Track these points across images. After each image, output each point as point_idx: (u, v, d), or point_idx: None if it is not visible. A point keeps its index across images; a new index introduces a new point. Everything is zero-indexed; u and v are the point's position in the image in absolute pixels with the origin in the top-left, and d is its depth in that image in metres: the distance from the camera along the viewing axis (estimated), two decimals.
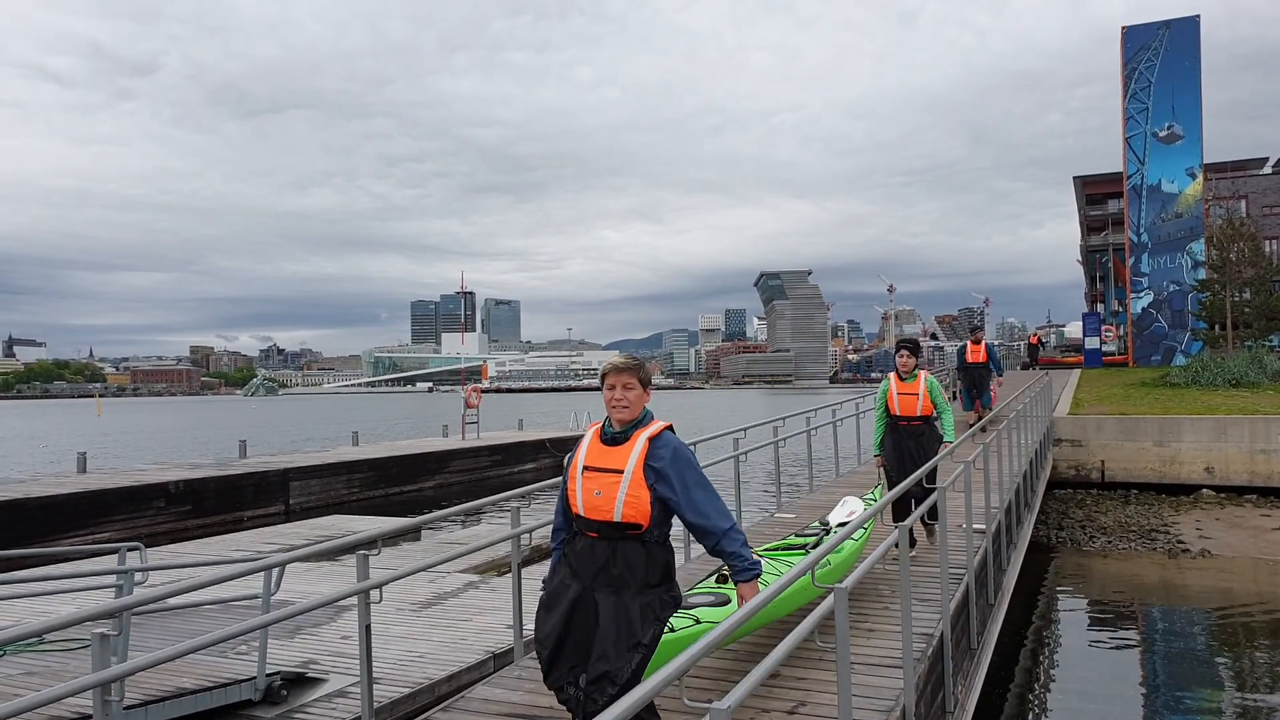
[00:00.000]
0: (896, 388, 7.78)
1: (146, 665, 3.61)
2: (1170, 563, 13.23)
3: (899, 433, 7.75)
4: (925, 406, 7.70)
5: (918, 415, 7.69)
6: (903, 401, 7.75)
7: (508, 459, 27.54)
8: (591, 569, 3.43)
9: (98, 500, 16.63)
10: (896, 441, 7.77)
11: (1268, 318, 34.61)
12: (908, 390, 7.74)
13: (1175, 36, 38.61)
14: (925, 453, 7.55)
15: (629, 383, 3.50)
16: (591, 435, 3.60)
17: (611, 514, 3.38)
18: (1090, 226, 60.88)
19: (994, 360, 17.12)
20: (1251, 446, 17.92)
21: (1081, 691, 8.47)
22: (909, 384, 7.74)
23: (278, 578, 6.06)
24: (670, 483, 3.39)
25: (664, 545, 3.46)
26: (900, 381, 7.78)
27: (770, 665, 2.81)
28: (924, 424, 7.71)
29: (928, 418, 7.73)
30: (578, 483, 3.51)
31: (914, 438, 7.69)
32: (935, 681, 5.27)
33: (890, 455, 7.82)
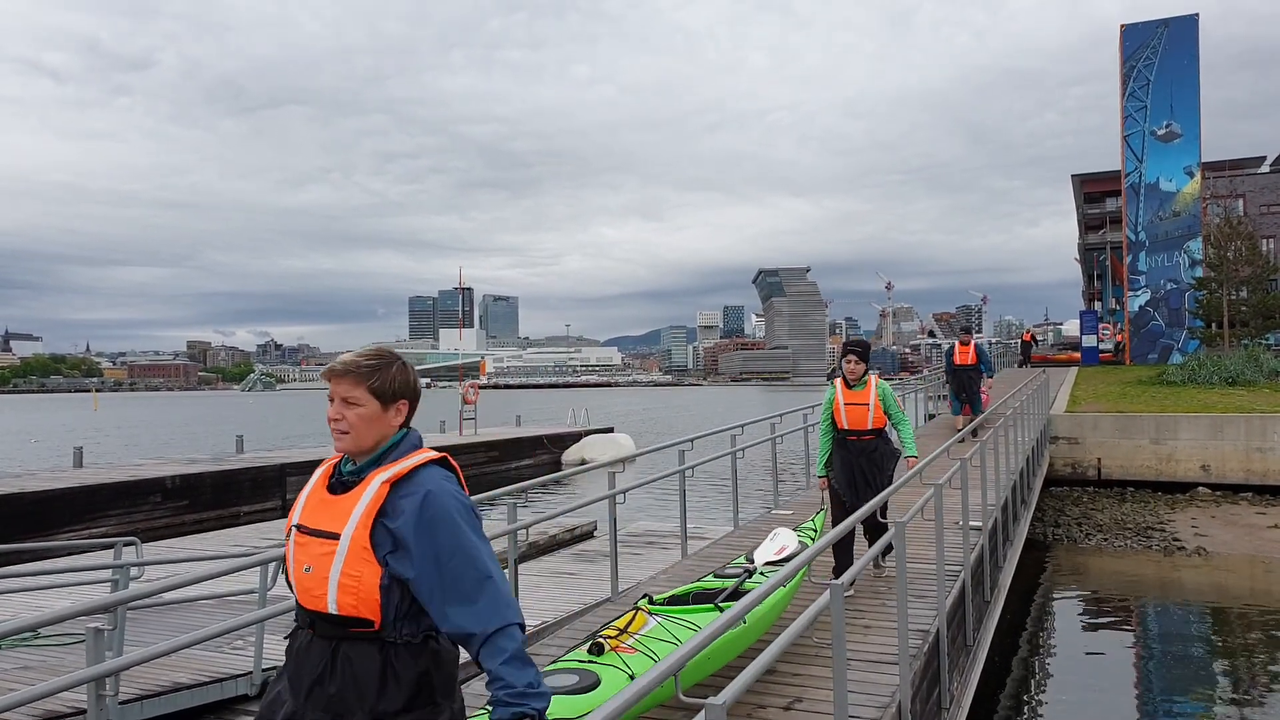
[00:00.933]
0: (843, 397, 6.82)
1: (142, 660, 3.60)
2: (1166, 560, 13.25)
3: (848, 449, 6.77)
4: (877, 418, 6.74)
5: (869, 428, 6.73)
6: (850, 413, 6.78)
7: (505, 455, 27.54)
8: (304, 681, 2.18)
9: (94, 495, 16.61)
10: (846, 460, 6.79)
11: (1264, 316, 34.64)
12: (856, 400, 6.78)
13: (1174, 35, 38.59)
14: (880, 472, 6.70)
15: (351, 395, 2.22)
16: (319, 475, 2.33)
17: (324, 602, 2.15)
18: (1088, 224, 60.91)
19: (984, 361, 16.30)
20: (1248, 445, 17.95)
21: (1077, 688, 8.49)
22: (857, 392, 6.79)
23: (274, 572, 6.05)
24: (410, 555, 2.10)
25: (420, 649, 2.15)
26: (847, 389, 6.84)
27: (766, 661, 2.81)
28: (877, 438, 6.77)
29: (880, 431, 6.79)
30: (289, 550, 2.30)
31: (866, 455, 6.71)
32: (931, 678, 5.28)
33: (839, 476, 6.85)
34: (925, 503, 5.56)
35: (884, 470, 6.70)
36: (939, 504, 5.69)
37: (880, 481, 6.57)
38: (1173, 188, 38.75)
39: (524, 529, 5.86)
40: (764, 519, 9.85)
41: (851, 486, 6.72)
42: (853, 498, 6.59)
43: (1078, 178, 60.22)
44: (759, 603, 3.20)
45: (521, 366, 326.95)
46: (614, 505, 6.96)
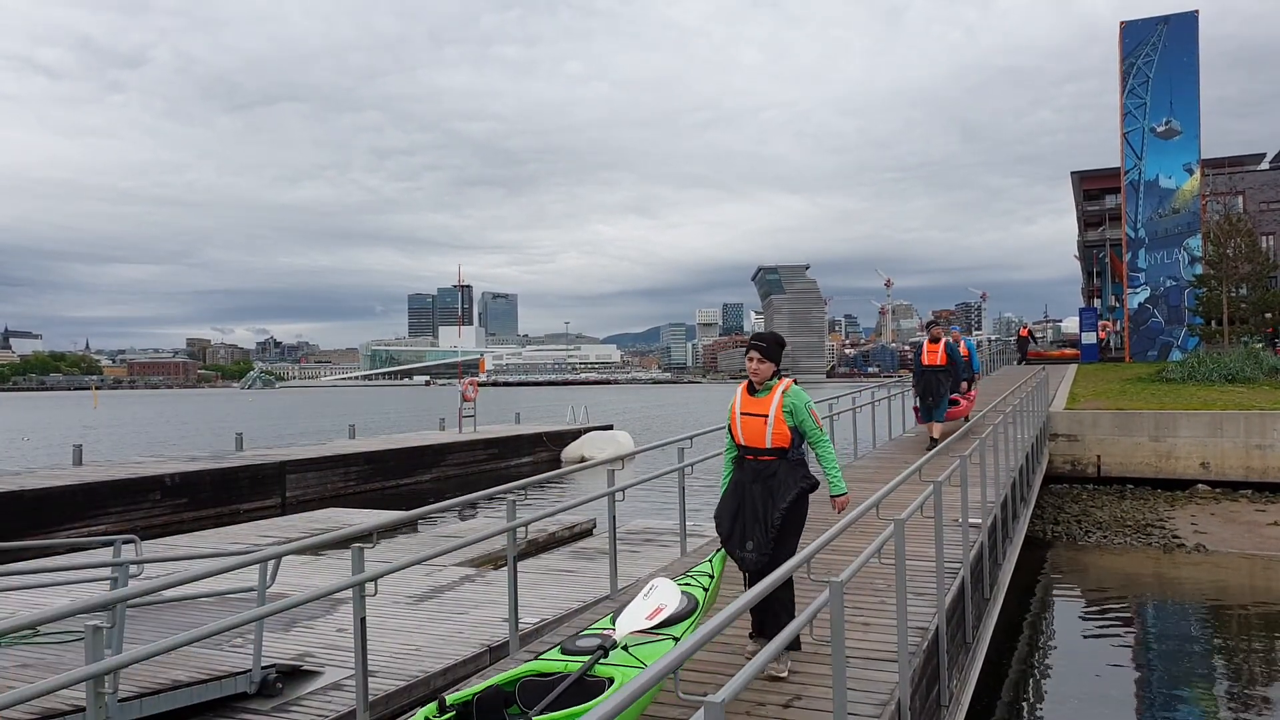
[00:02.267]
0: (740, 404, 5.26)
1: (140, 658, 3.60)
2: (1165, 558, 13.25)
3: (743, 471, 5.19)
4: (779, 434, 5.08)
5: (767, 447, 5.09)
6: (746, 426, 5.18)
7: (504, 452, 27.54)
8: None
9: (93, 493, 16.61)
10: (737, 485, 5.20)
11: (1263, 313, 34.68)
12: (754, 409, 5.17)
13: (1174, 32, 38.58)
14: (773, 505, 5.01)
15: None
16: None
17: None
18: (1088, 222, 60.89)
19: (955, 362, 13.92)
20: (1247, 442, 17.95)
21: (1076, 685, 8.49)
22: (758, 400, 5.18)
23: (273, 570, 6.05)
24: None
25: None
26: (748, 395, 5.25)
27: (765, 659, 2.81)
28: (778, 460, 5.08)
29: (784, 452, 5.09)
30: None
31: (761, 481, 5.08)
32: (930, 675, 5.28)
33: (724, 506, 5.24)
34: (925, 500, 5.56)
35: (777, 503, 5.02)
36: (938, 501, 5.68)
37: (770, 518, 5.01)
38: (1172, 185, 38.75)
39: (523, 526, 5.86)
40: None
41: (732, 519, 5.14)
42: (731, 539, 5.14)
43: (1077, 175, 60.21)
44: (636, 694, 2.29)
45: (521, 364, 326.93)
46: (613, 503, 6.96)
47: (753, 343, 5.27)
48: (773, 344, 5.28)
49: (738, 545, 5.15)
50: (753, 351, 5.24)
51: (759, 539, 5.05)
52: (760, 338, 5.29)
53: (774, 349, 5.26)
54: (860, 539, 6.73)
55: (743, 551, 5.12)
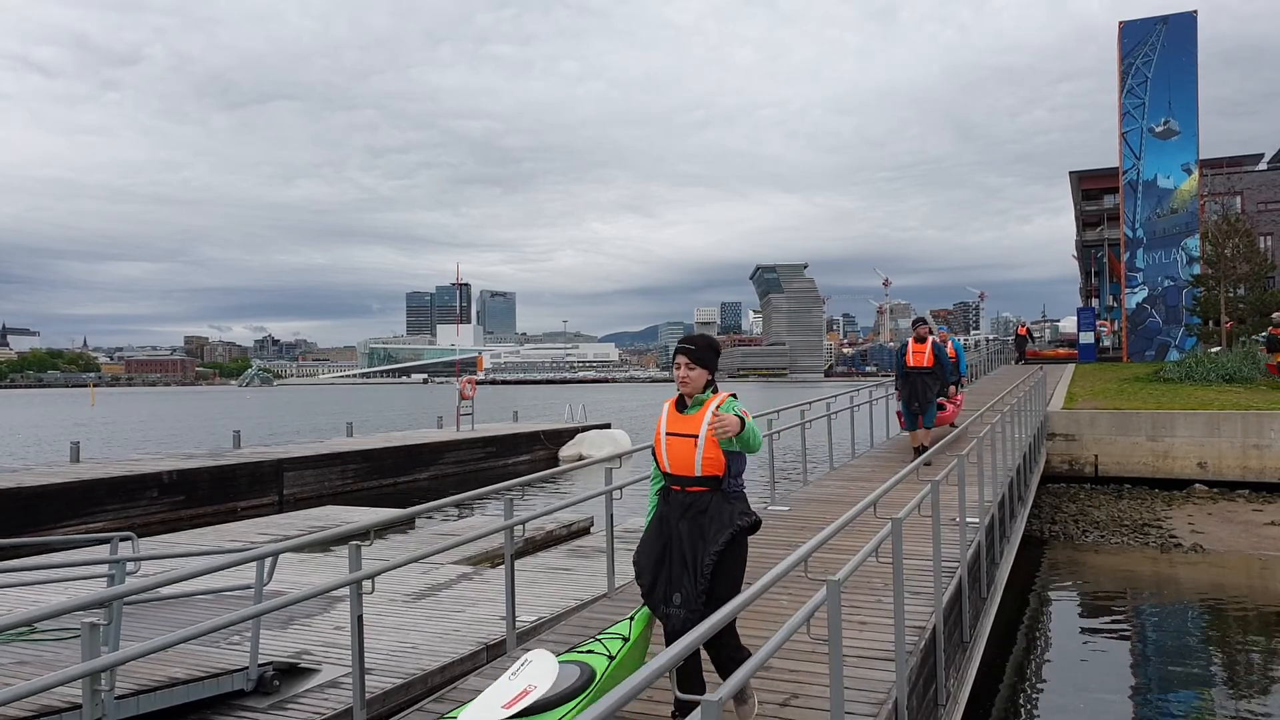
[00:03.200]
0: (666, 423, 4.38)
1: (137, 655, 3.60)
2: (1163, 557, 13.27)
3: (670, 504, 4.31)
4: (711, 459, 4.21)
5: (696, 475, 4.22)
6: (673, 449, 4.30)
7: (502, 451, 27.53)
8: None
9: (90, 490, 16.59)
10: (662, 523, 4.34)
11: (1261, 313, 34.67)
12: (683, 428, 4.30)
13: (1172, 32, 38.60)
14: (704, 545, 4.15)
15: None
16: None
17: None
18: (1086, 221, 60.96)
19: (943, 364, 12.97)
20: (1244, 442, 17.97)
21: (1074, 685, 8.50)
22: (688, 418, 4.31)
23: (270, 568, 6.05)
24: None
25: None
26: (675, 412, 4.37)
27: (762, 657, 2.81)
28: (710, 492, 4.23)
29: (717, 481, 4.23)
30: None
31: (690, 517, 4.22)
32: (928, 674, 5.28)
33: (645, 550, 4.36)
34: (922, 499, 5.56)
35: (709, 545, 4.13)
36: (935, 500, 5.69)
37: (700, 565, 4.11)
38: (1170, 185, 38.77)
39: (520, 524, 5.86)
40: (760, 514, 9.84)
41: (656, 566, 4.26)
42: (655, 585, 4.25)
43: (1075, 174, 60.25)
44: None
45: (519, 362, 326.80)
46: (610, 501, 6.96)
47: (681, 346, 4.34)
48: (704, 348, 4.34)
49: (662, 600, 4.19)
50: (680, 357, 4.31)
51: (687, 591, 4.11)
52: (690, 340, 4.36)
53: (706, 354, 4.33)
54: (858, 538, 6.73)
55: (668, 607, 4.16)
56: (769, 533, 8.79)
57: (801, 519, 9.33)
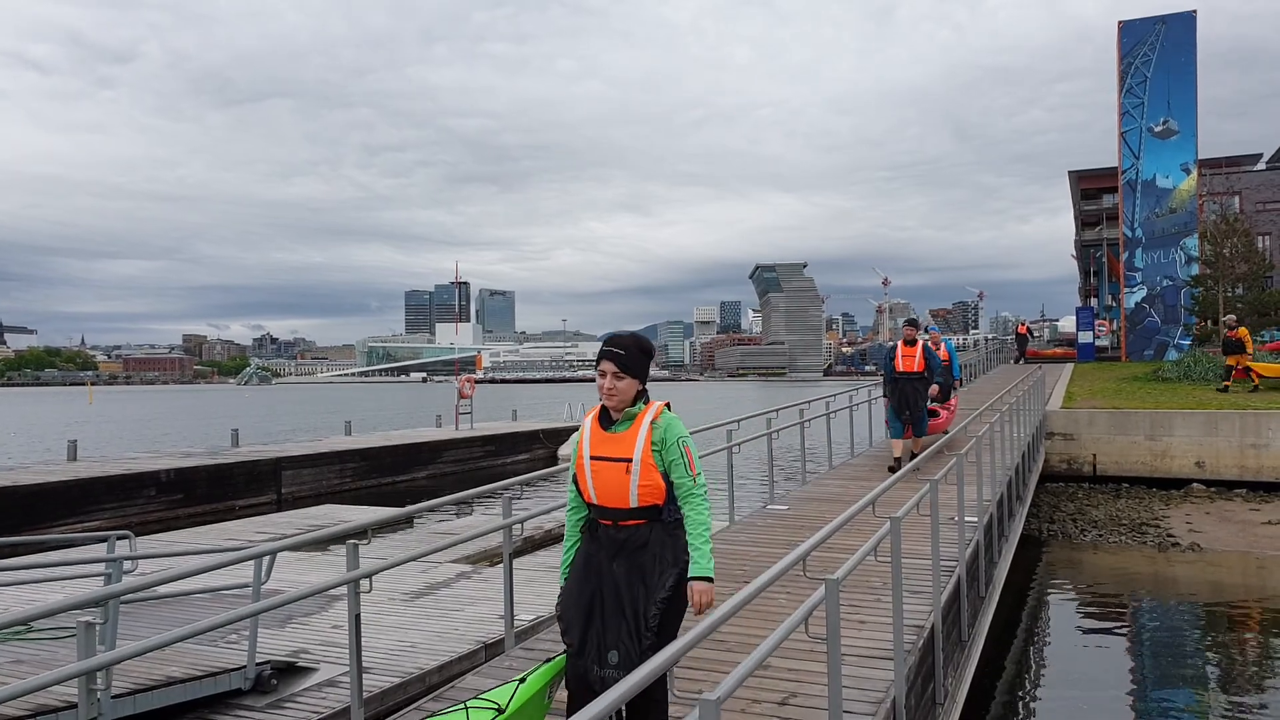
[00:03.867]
0: (589, 443, 3.65)
1: (133, 654, 3.59)
2: (1160, 556, 13.28)
3: (599, 541, 3.61)
4: (649, 486, 3.53)
5: (631, 506, 3.53)
6: (600, 476, 3.58)
7: (501, 449, 27.52)
8: None
9: (87, 488, 16.57)
10: (590, 565, 3.61)
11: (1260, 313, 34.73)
12: (610, 450, 3.58)
13: (1171, 32, 38.62)
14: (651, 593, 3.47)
15: None
16: None
17: None
18: (1085, 221, 61.01)
19: (933, 367, 12.05)
20: (1242, 441, 17.98)
21: (1072, 683, 8.50)
22: (616, 436, 3.60)
23: (268, 567, 6.04)
24: None
25: None
26: (599, 430, 3.66)
27: (760, 656, 2.80)
28: (649, 526, 3.55)
29: (656, 511, 3.55)
30: None
31: (626, 556, 3.54)
32: (926, 673, 5.28)
33: (570, 597, 3.60)
34: (921, 498, 5.56)
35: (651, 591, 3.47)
36: (934, 499, 5.68)
37: (643, 616, 3.44)
38: (1169, 184, 38.79)
39: (519, 524, 5.85)
40: (760, 514, 9.85)
41: (586, 618, 3.52)
42: (579, 639, 3.52)
43: (1074, 174, 60.29)
44: None
45: (518, 361, 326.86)
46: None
47: (605, 349, 3.55)
48: (634, 351, 3.56)
49: (595, 659, 3.44)
50: (605, 363, 3.53)
51: (627, 648, 3.38)
52: (617, 342, 3.58)
53: (637, 358, 3.56)
54: (857, 537, 6.72)
55: (603, 669, 3.42)
56: (768, 531, 8.79)
57: (800, 518, 9.32)
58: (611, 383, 3.57)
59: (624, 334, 3.69)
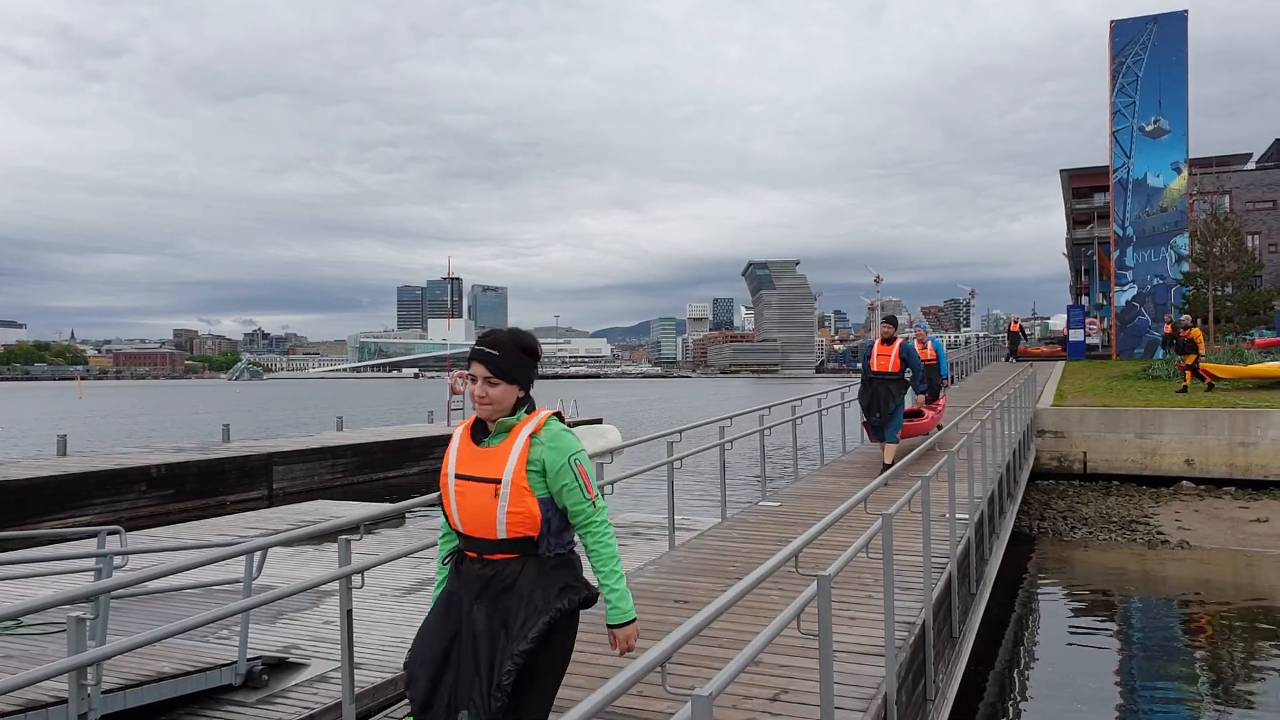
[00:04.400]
0: (455, 459, 3.06)
1: (124, 649, 3.57)
2: (1150, 554, 13.35)
3: (464, 577, 3.02)
4: (520, 514, 2.92)
5: (499, 538, 2.93)
6: (465, 499, 2.98)
7: None
8: None
9: (78, 483, 16.50)
10: (450, 607, 3.01)
11: (1249, 312, 34.94)
12: (479, 469, 2.98)
13: (1163, 31, 38.76)
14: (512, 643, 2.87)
15: None
16: None
17: None
18: (1076, 219, 61.18)
19: (913, 368, 11.22)
20: (1231, 439, 18.08)
21: (1061, 680, 8.55)
22: (487, 452, 2.99)
23: (259, 562, 6.02)
24: None
25: None
26: (469, 444, 3.06)
27: (752, 653, 2.81)
28: (521, 561, 2.96)
29: (530, 544, 2.96)
30: None
31: (490, 598, 2.94)
32: (917, 670, 5.30)
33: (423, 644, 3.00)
34: (912, 495, 5.57)
35: (513, 641, 2.86)
36: (925, 496, 5.70)
37: (498, 670, 2.84)
38: (1160, 183, 38.96)
39: None
40: (751, 510, 9.86)
41: (436, 669, 2.93)
42: (425, 695, 2.92)
43: (1066, 172, 60.46)
44: None
45: None
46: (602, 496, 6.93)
47: (477, 349, 2.98)
48: (512, 351, 2.97)
49: (443, 718, 2.88)
50: (477, 365, 2.95)
51: (479, 705, 2.80)
52: (491, 341, 2.98)
53: (514, 358, 2.96)
54: (848, 534, 6.74)
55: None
56: (760, 528, 8.81)
57: (792, 514, 9.34)
58: (483, 389, 2.96)
59: (500, 330, 3.08)
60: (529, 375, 3.06)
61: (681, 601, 6.29)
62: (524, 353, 3.03)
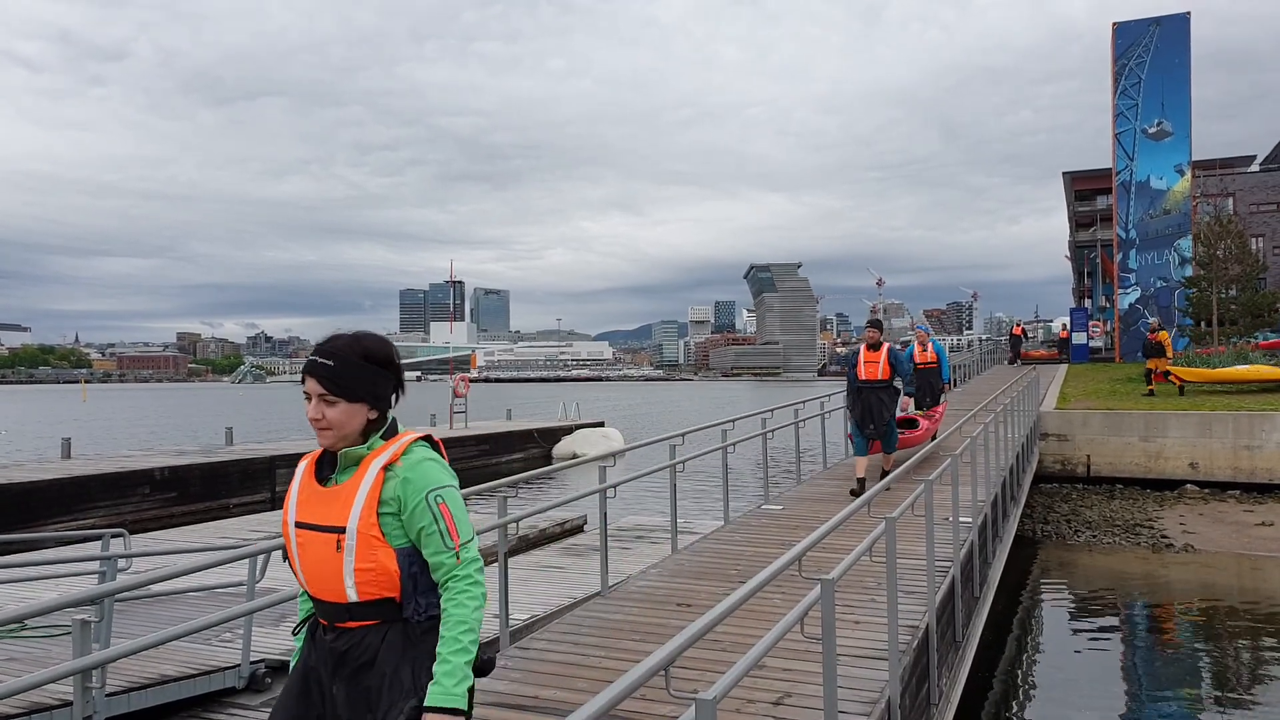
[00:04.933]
0: (296, 503, 2.41)
1: (128, 652, 3.58)
2: (1154, 557, 13.32)
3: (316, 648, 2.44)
4: (371, 570, 2.30)
5: (349, 599, 2.32)
6: (308, 553, 2.36)
7: (496, 449, 27.50)
8: None
9: (82, 486, 16.52)
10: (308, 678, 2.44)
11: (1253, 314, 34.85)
12: (320, 515, 2.36)
13: (1165, 34, 38.75)
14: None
15: None
16: None
17: None
18: (1079, 222, 61.09)
19: (902, 374, 10.53)
20: (1235, 442, 18.04)
21: (1065, 684, 8.53)
22: (333, 491, 2.36)
23: (263, 565, 6.03)
24: None
25: None
26: (312, 483, 2.41)
27: (756, 656, 2.81)
28: (381, 629, 2.34)
29: (390, 607, 2.34)
30: None
31: (346, 676, 2.35)
32: (920, 673, 5.29)
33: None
34: (916, 498, 5.57)
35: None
36: (929, 500, 5.70)
37: None
38: (1163, 186, 38.92)
39: (514, 522, 5.85)
40: (754, 513, 9.86)
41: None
42: None
43: (1069, 175, 60.40)
44: None
45: (512, 360, 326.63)
46: (604, 499, 6.94)
47: (310, 361, 2.39)
48: (349, 360, 2.37)
49: None
50: (309, 379, 2.37)
51: None
52: (327, 348, 2.38)
53: (356, 369, 2.37)
54: (851, 537, 6.73)
55: None
56: (762, 531, 8.80)
57: (795, 518, 9.34)
58: (317, 409, 2.35)
59: (342, 335, 2.43)
60: (381, 390, 2.42)
61: (684, 605, 6.29)
62: (368, 361, 2.39)
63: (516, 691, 4.82)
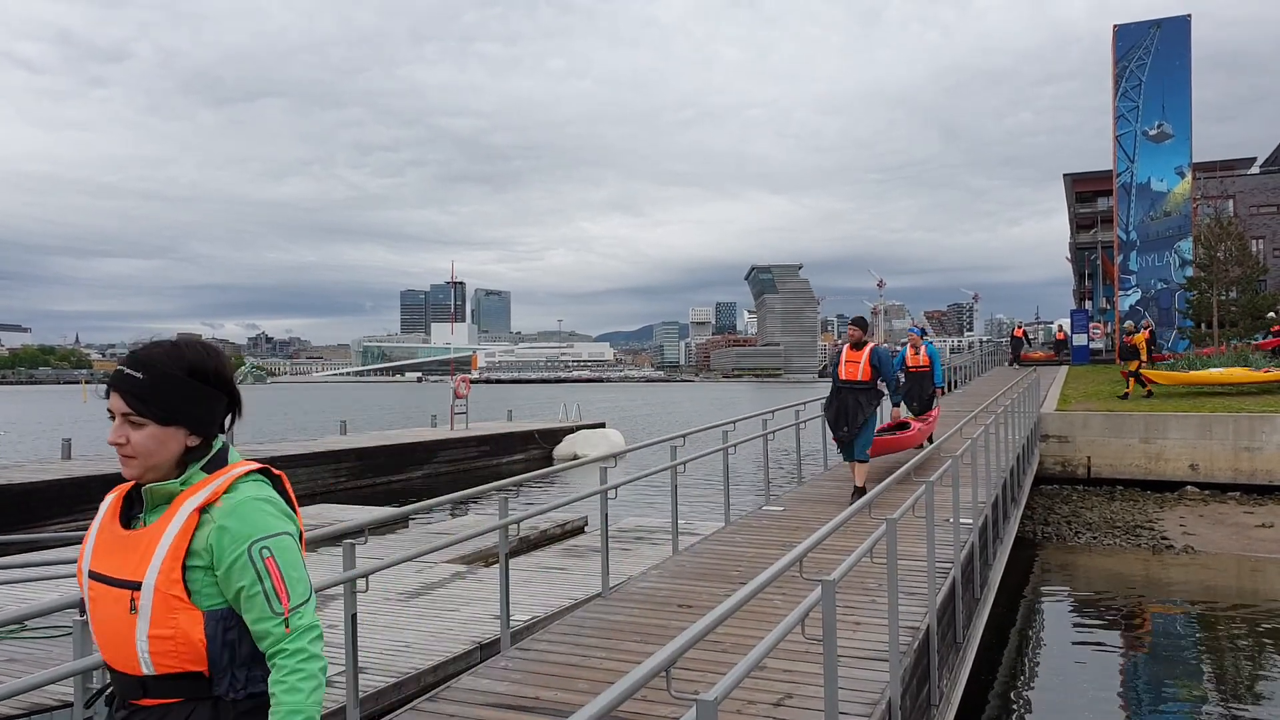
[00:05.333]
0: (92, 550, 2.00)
1: None
2: (1154, 559, 13.31)
3: None
4: (167, 637, 1.84)
5: (144, 671, 1.87)
6: (100, 612, 1.93)
7: (496, 450, 27.50)
8: None
9: (83, 487, 16.52)
10: None
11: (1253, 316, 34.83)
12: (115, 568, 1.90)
13: (1166, 36, 38.75)
14: None
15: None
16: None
17: None
18: (1079, 224, 61.08)
19: (885, 376, 10.11)
20: (1236, 444, 18.04)
21: (1065, 686, 8.53)
22: (136, 535, 1.90)
23: None
24: None
25: None
26: (116, 527, 1.96)
27: (757, 657, 2.81)
28: (187, 706, 1.87)
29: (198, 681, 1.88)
30: None
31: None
32: (921, 675, 5.29)
33: None
34: (916, 500, 5.57)
35: None
36: (930, 501, 5.70)
37: None
38: (1164, 188, 38.92)
39: (515, 524, 5.85)
40: (755, 515, 9.86)
41: None
42: None
43: (1069, 177, 60.40)
44: None
45: (513, 361, 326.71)
46: (605, 500, 6.94)
47: (115, 374, 1.93)
48: (168, 371, 1.92)
49: None
50: (115, 396, 1.92)
51: None
52: (136, 360, 1.92)
53: (171, 384, 1.91)
54: (852, 538, 6.74)
55: None
56: (763, 533, 8.80)
57: (796, 519, 9.34)
58: (121, 431, 1.91)
59: (160, 342, 1.97)
60: (204, 412, 1.94)
61: (685, 606, 6.29)
62: (187, 374, 1.92)
63: (517, 692, 4.83)
